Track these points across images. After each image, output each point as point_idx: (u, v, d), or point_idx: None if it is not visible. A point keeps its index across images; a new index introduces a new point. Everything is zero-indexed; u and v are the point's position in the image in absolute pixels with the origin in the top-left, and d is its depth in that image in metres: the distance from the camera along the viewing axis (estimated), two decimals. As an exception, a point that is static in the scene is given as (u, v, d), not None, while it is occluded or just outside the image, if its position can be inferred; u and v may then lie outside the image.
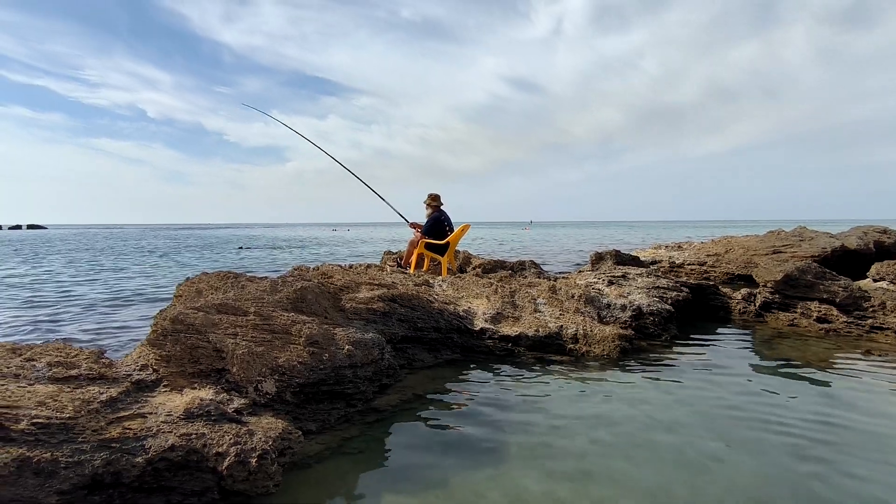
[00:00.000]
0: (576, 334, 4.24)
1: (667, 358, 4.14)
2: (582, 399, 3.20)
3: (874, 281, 5.93)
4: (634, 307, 4.71)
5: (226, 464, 2.08)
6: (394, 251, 8.20)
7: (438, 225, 6.78)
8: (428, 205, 6.96)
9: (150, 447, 2.04)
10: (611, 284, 5.39)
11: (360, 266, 6.15)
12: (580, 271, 6.86)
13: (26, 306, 7.20)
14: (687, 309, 5.43)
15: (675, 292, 5.28)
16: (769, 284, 5.42)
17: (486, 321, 4.39)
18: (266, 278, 3.67)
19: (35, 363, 2.33)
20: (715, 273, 8.52)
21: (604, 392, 3.32)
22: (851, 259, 7.76)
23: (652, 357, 4.15)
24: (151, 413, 2.25)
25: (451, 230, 6.81)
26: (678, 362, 4.02)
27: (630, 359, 4.08)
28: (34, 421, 1.93)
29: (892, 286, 5.54)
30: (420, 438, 2.71)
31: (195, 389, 2.54)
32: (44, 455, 1.85)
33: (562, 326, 4.30)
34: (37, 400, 2.05)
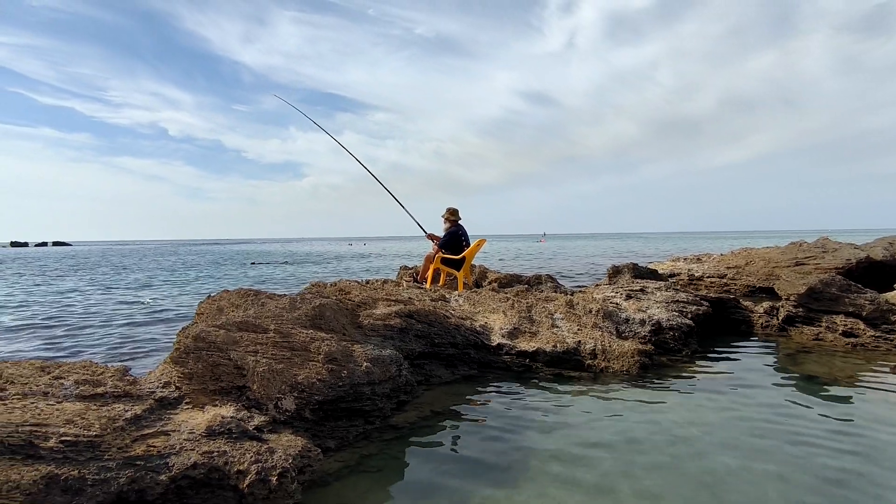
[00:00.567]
0: (594, 350, 4.19)
1: (688, 374, 4.07)
2: (602, 416, 3.16)
3: (902, 293, 5.77)
4: (654, 322, 4.66)
5: (247, 482, 2.10)
6: (409, 266, 8.23)
7: (455, 239, 6.80)
8: (446, 219, 7.00)
9: (174, 465, 2.07)
10: (629, 298, 5.34)
11: (377, 281, 6.19)
12: (597, 285, 6.81)
13: (51, 322, 7.36)
14: (707, 323, 5.34)
15: (695, 306, 5.20)
16: (792, 298, 5.31)
17: (503, 336, 4.37)
18: (285, 296, 3.72)
19: (63, 381, 2.38)
20: (735, 286, 8.38)
21: (624, 409, 3.28)
22: (877, 271, 7.57)
23: (672, 373, 4.08)
24: (174, 430, 2.29)
25: (468, 245, 6.83)
26: (700, 378, 3.96)
27: (650, 375, 4.02)
28: (62, 439, 1.98)
29: (921, 299, 5.38)
30: (438, 456, 2.70)
31: (216, 407, 2.57)
32: (71, 472, 1.89)
33: (580, 342, 4.27)
34: (65, 418, 2.09)
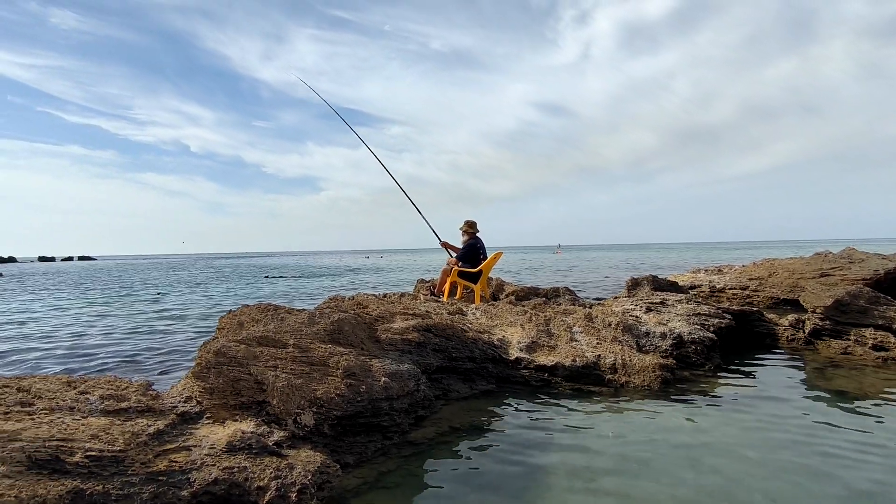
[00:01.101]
0: (614, 364, 4.13)
1: (711, 389, 3.98)
2: (624, 433, 3.10)
3: (934, 305, 5.59)
4: (675, 335, 4.58)
5: (267, 498, 2.10)
6: (427, 279, 8.24)
7: (474, 251, 6.81)
8: (464, 231, 7.01)
9: (195, 480, 2.09)
10: (649, 311, 5.26)
11: (394, 295, 6.20)
12: (616, 298, 6.73)
13: (75, 334, 7.53)
14: (730, 336, 5.23)
15: (718, 319, 5.10)
16: (818, 310, 5.18)
17: (521, 350, 4.34)
18: (304, 310, 3.75)
19: (88, 396, 2.43)
20: (758, 298, 8.20)
21: (646, 425, 3.21)
22: (907, 282, 7.35)
23: (695, 388, 4.00)
24: (196, 446, 2.31)
25: (485, 257, 6.82)
26: (724, 393, 3.86)
27: (672, 389, 3.94)
28: (88, 454, 2.01)
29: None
30: (457, 473, 2.67)
31: (237, 422, 2.59)
32: (96, 487, 1.92)
33: (599, 356, 4.21)
34: (90, 433, 2.13)
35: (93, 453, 2.02)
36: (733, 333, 5.30)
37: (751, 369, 4.59)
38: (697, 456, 2.74)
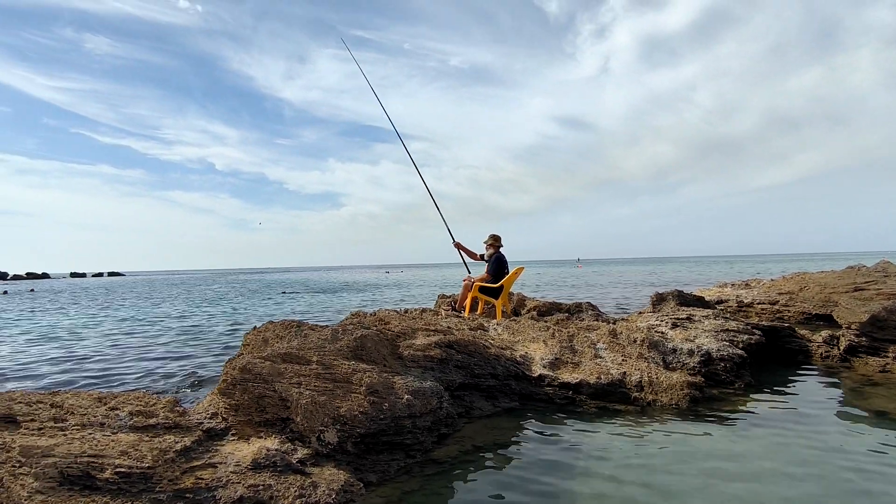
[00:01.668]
0: (640, 382, 4.04)
1: (742, 408, 3.86)
2: (651, 454, 3.02)
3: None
4: (703, 352, 4.46)
5: (291, 517, 2.10)
6: (447, 294, 8.23)
7: (502, 265, 6.80)
8: (490, 245, 7.01)
9: (221, 498, 2.10)
10: (675, 327, 5.15)
11: (416, 311, 6.20)
12: (640, 313, 6.60)
13: (105, 350, 7.70)
14: (761, 353, 5.08)
15: (747, 335, 4.96)
16: (854, 326, 5.00)
17: (544, 367, 4.28)
18: (327, 326, 3.77)
19: (118, 412, 2.47)
20: (789, 313, 7.96)
21: (675, 446, 3.12)
22: (947, 296, 7.04)
23: (726, 407, 3.88)
24: (221, 463, 2.32)
25: (507, 272, 6.79)
26: (756, 413, 3.74)
27: (701, 408, 3.83)
28: (117, 470, 2.04)
29: None
30: (480, 493, 2.63)
31: (262, 439, 2.60)
32: (125, 504, 1.94)
33: (625, 373, 4.12)
34: (120, 449, 2.16)
35: (122, 470, 2.05)
36: (764, 350, 5.15)
37: (783, 387, 4.44)
38: (730, 479, 2.65)
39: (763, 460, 2.87)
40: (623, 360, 4.35)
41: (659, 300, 6.71)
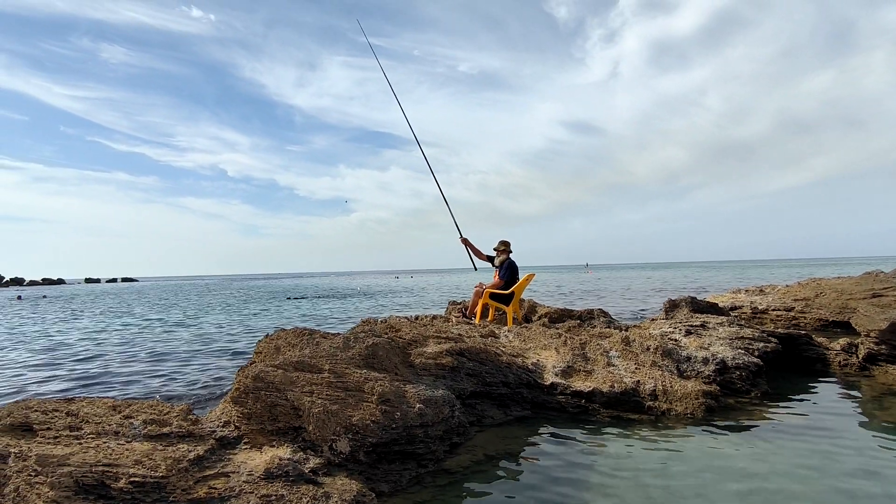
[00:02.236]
0: (654, 390, 3.99)
1: (759, 417, 3.80)
2: (666, 464, 2.97)
3: None
4: (718, 360, 4.40)
5: (304, 528, 2.09)
6: (458, 301, 8.21)
7: (515, 271, 6.79)
8: (502, 251, 7.00)
9: (234, 508, 2.09)
10: (689, 335, 5.08)
11: (427, 317, 6.19)
12: (653, 320, 6.54)
13: (116, 355, 7.77)
14: (776, 361, 5.00)
15: (763, 343, 4.89)
16: (873, 333, 4.90)
17: (557, 375, 4.24)
18: (339, 334, 3.77)
19: (132, 420, 2.48)
20: (805, 320, 7.83)
21: (691, 456, 3.07)
22: (969, 302, 6.89)
23: (742, 416, 3.81)
24: (234, 472, 2.32)
25: (518, 279, 6.77)
26: (773, 422, 3.67)
27: (717, 418, 3.77)
28: (132, 480, 2.04)
29: None
30: (494, 504, 2.60)
31: (274, 448, 2.60)
32: (139, 514, 1.94)
33: (638, 382, 4.07)
34: (134, 458, 2.17)
35: (136, 479, 2.06)
36: (780, 358, 5.07)
37: (801, 397, 4.36)
38: (747, 491, 2.59)
39: (781, 472, 2.81)
40: (636, 369, 4.30)
41: (672, 307, 6.64)
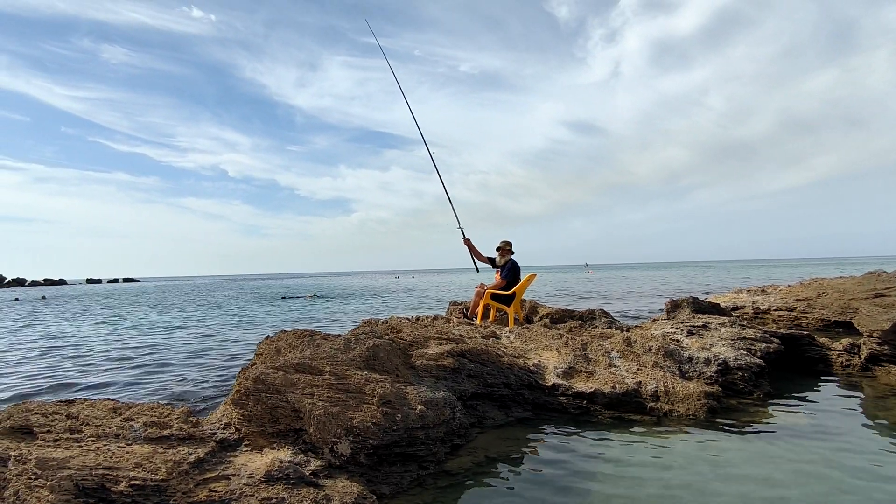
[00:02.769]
0: (656, 391, 3.98)
1: (761, 418, 3.78)
2: (668, 465, 2.96)
3: None
4: (720, 361, 4.38)
5: (305, 531, 2.08)
6: (459, 301, 8.20)
7: (517, 272, 6.79)
8: (505, 252, 6.99)
9: (234, 511, 2.09)
10: (691, 335, 5.07)
11: (427, 318, 6.18)
12: (655, 320, 6.52)
13: (119, 356, 7.77)
14: (779, 362, 4.98)
15: (765, 343, 4.87)
16: (875, 334, 4.88)
17: (558, 376, 4.23)
18: (339, 336, 3.76)
19: (133, 423, 2.48)
20: (807, 320, 7.81)
21: (692, 457, 3.06)
22: (972, 302, 6.87)
23: (744, 417, 3.80)
24: (235, 475, 2.31)
25: (520, 279, 6.76)
26: (775, 424, 3.66)
27: (719, 419, 3.75)
28: (132, 483, 2.04)
29: None
30: (496, 507, 2.59)
31: (274, 450, 2.59)
32: (139, 518, 1.93)
33: (640, 382, 4.06)
34: (134, 461, 2.16)
35: (137, 482, 2.05)
36: (782, 358, 5.05)
37: (803, 397, 4.34)
38: (750, 493, 2.58)
39: (783, 473, 2.80)
40: (638, 369, 4.28)
41: (674, 307, 6.62)
